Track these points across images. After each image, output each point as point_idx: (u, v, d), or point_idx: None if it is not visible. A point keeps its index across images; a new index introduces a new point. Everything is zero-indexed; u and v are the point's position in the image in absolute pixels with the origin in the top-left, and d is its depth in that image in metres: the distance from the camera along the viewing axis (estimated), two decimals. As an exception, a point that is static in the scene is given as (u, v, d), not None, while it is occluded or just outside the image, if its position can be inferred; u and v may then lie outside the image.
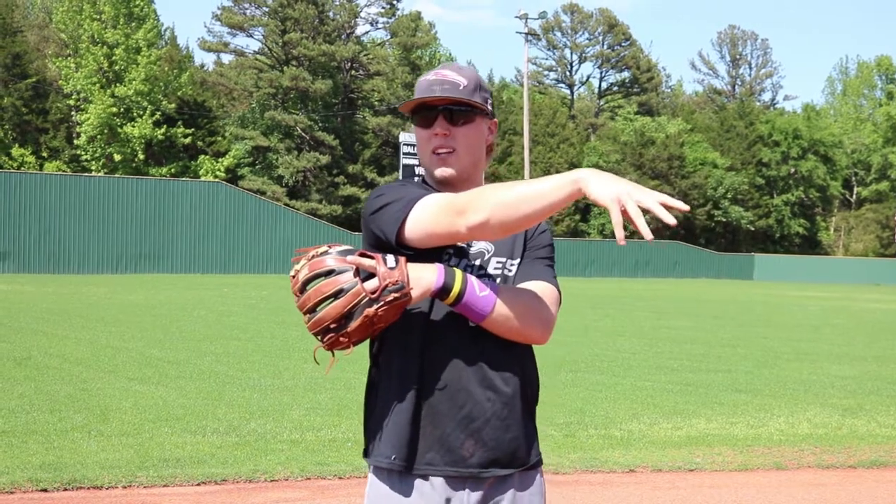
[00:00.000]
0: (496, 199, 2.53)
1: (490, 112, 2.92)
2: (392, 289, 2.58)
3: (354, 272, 2.62)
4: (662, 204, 2.38)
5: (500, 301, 2.70)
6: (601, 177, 2.43)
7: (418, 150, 2.93)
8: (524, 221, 2.54)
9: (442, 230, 2.64)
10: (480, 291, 2.68)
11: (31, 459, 7.62)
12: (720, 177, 76.82)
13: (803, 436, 9.75)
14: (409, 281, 2.60)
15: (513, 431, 2.79)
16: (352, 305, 2.60)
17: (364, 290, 2.58)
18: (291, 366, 13.68)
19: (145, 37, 58.90)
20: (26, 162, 57.92)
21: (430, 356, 2.76)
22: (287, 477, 7.50)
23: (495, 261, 2.88)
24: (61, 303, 24.69)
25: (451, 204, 2.62)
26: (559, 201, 2.48)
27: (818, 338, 21.03)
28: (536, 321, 2.76)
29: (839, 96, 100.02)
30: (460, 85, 2.85)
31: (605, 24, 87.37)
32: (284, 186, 65.18)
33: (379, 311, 2.59)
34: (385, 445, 2.78)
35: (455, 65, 2.94)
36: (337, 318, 2.62)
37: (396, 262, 2.61)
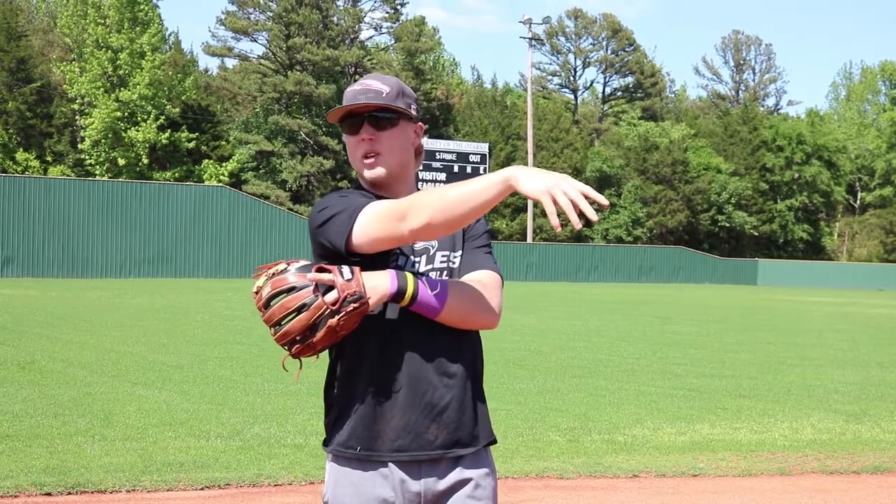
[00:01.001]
0: (434, 202, 2.72)
1: (414, 116, 3.09)
2: (351, 299, 2.76)
3: (314, 287, 2.80)
4: (585, 195, 2.57)
5: (450, 297, 2.90)
6: (530, 172, 2.62)
7: (349, 155, 3.12)
8: (462, 220, 2.74)
9: (387, 235, 2.82)
10: (432, 290, 2.87)
11: (34, 463, 7.63)
12: (724, 182, 76.79)
13: (807, 441, 9.73)
14: (365, 290, 2.78)
15: (468, 412, 3.00)
16: (315, 318, 2.79)
17: (325, 304, 2.77)
18: (294, 370, 13.66)
19: (150, 41, 58.99)
20: (31, 166, 58.00)
21: (389, 353, 2.95)
22: (291, 481, 7.50)
23: (440, 255, 3.07)
24: (65, 307, 24.71)
25: (392, 210, 2.80)
26: (491, 199, 2.67)
27: (822, 343, 21.01)
28: (485, 310, 2.98)
29: (843, 101, 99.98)
30: (383, 93, 3.03)
31: (609, 29, 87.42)
32: (288, 191, 65.24)
33: (340, 320, 2.78)
34: (348, 437, 2.96)
35: (378, 75, 3.12)
36: (302, 331, 2.81)
37: (352, 273, 2.80)
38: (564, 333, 20.04)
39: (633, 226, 72.36)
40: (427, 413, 2.93)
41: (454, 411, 2.96)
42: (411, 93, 3.11)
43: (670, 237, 73.77)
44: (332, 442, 3.00)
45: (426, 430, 2.93)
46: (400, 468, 2.93)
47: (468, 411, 2.99)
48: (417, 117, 3.11)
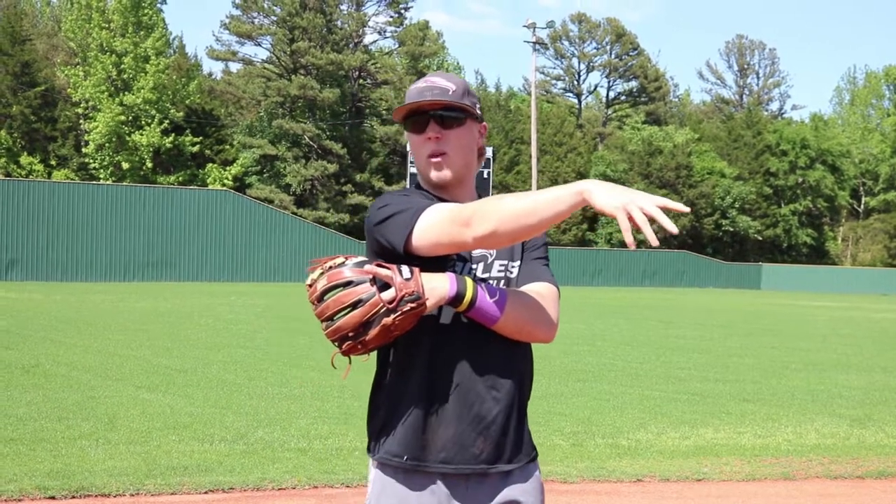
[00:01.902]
0: (502, 210, 2.60)
1: (479, 116, 3.01)
2: (409, 299, 2.67)
3: (371, 283, 2.72)
4: (663, 207, 2.47)
5: (508, 306, 2.80)
6: (605, 187, 2.51)
7: (413, 155, 3.01)
8: (529, 231, 2.62)
9: (448, 240, 2.72)
10: (491, 297, 2.78)
11: (38, 467, 7.63)
12: (728, 186, 76.74)
13: (811, 446, 9.72)
14: (424, 291, 2.69)
15: (515, 427, 2.92)
16: (370, 315, 2.69)
17: (382, 301, 2.68)
18: (299, 374, 13.69)
19: (154, 45, 59.05)
20: (35, 170, 58.05)
21: (439, 359, 2.86)
22: (294, 485, 7.50)
23: (498, 264, 2.98)
24: (69, 311, 24.73)
25: (457, 215, 2.69)
26: (563, 212, 2.56)
27: (826, 347, 20.98)
28: (543, 322, 2.89)
29: (847, 106, 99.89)
30: (449, 90, 2.94)
31: (613, 33, 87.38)
32: (292, 195, 65.25)
33: (396, 319, 2.68)
34: (395, 445, 2.87)
35: (443, 73, 3.03)
36: (355, 327, 2.71)
37: (411, 272, 2.71)
38: (568, 337, 20.03)
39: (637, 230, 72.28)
40: (474, 425, 2.85)
41: (500, 425, 2.88)
42: (475, 92, 3.04)
43: (674, 241, 73.72)
44: (378, 449, 2.92)
45: (472, 443, 2.85)
46: (446, 483, 2.85)
47: (514, 426, 2.92)
48: (482, 117, 3.03)
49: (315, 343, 18.15)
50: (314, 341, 18.50)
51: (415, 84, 3.01)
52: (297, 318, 24.09)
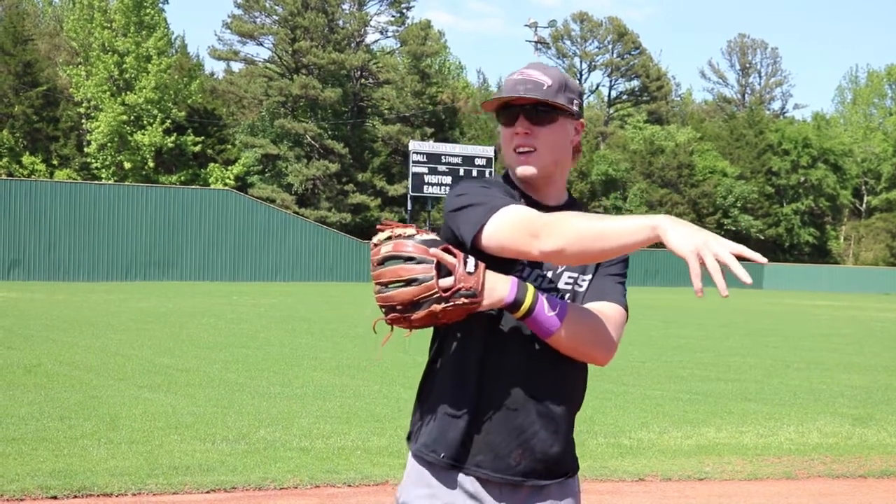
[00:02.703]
0: (574, 230, 2.52)
1: (576, 113, 2.91)
2: (464, 293, 2.61)
3: (434, 265, 2.63)
4: (738, 255, 2.39)
5: (567, 322, 2.70)
6: (680, 226, 2.42)
7: (502, 148, 2.95)
8: (598, 256, 2.55)
9: (516, 247, 2.63)
10: (549, 311, 2.68)
11: (40, 467, 7.63)
12: (730, 185, 76.71)
13: (813, 445, 9.72)
14: (482, 289, 2.63)
15: (559, 445, 2.84)
16: (422, 296, 2.62)
17: (437, 287, 2.61)
18: (301, 374, 13.69)
19: (156, 45, 59.05)
20: (37, 170, 58.08)
21: (489, 362, 2.79)
22: (296, 485, 7.50)
23: (567, 275, 2.87)
24: (71, 310, 24.74)
25: (529, 223, 2.60)
26: (636, 243, 2.47)
27: (828, 347, 20.98)
28: (599, 345, 2.77)
29: (849, 105, 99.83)
30: (544, 85, 2.85)
31: (615, 32, 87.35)
32: (294, 194, 65.26)
33: (446, 309, 2.62)
34: (434, 441, 2.83)
35: (541, 65, 2.94)
36: (405, 303, 2.63)
37: (476, 267, 2.64)
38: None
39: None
40: (515, 436, 2.78)
41: (542, 441, 2.81)
42: (576, 86, 2.93)
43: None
44: (417, 440, 2.89)
45: (509, 453, 2.78)
46: (477, 487, 2.80)
47: (558, 444, 2.84)
48: (579, 113, 2.92)
49: (317, 342, 18.16)
50: (316, 341, 18.51)
51: (511, 75, 2.93)
52: (299, 318, 24.11)
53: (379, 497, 7.33)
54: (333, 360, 15.41)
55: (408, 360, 15.45)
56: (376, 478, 7.73)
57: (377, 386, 12.65)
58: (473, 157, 57.97)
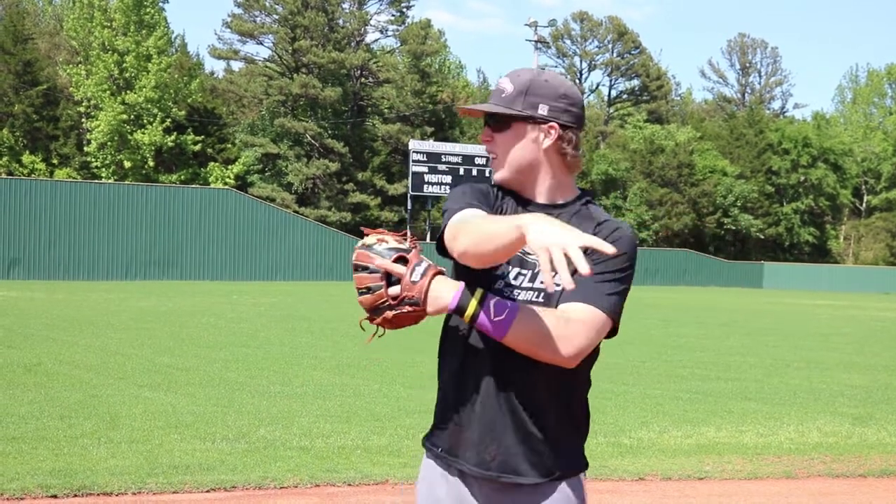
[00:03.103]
0: (472, 233, 2.60)
1: (539, 117, 2.90)
2: (408, 301, 2.74)
3: (384, 275, 2.78)
4: (586, 247, 2.35)
5: (515, 325, 2.68)
6: (540, 223, 2.39)
7: None
8: (490, 258, 2.59)
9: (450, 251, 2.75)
10: (495, 316, 2.69)
11: (41, 466, 7.64)
12: (730, 185, 76.71)
13: (813, 444, 9.72)
14: (426, 297, 2.72)
15: (534, 441, 2.84)
16: (376, 304, 2.80)
17: (385, 295, 2.78)
18: (301, 373, 13.69)
19: (156, 44, 59.05)
20: (37, 169, 58.08)
21: (469, 362, 2.88)
22: (296, 484, 7.51)
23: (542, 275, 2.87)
24: (71, 309, 24.74)
25: (455, 228, 2.71)
26: (511, 244, 2.48)
27: (828, 346, 20.98)
28: (550, 348, 2.69)
29: (849, 105, 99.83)
30: (503, 92, 2.92)
31: (615, 32, 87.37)
32: (294, 194, 65.28)
33: (397, 315, 2.77)
34: (436, 436, 2.98)
35: (519, 70, 2.98)
36: (366, 309, 2.83)
37: (423, 275, 2.73)
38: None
39: (639, 228, 72.31)
40: (489, 431, 2.83)
41: (515, 436, 2.83)
42: (547, 89, 2.91)
43: (676, 240, 73.67)
44: (428, 435, 3.02)
45: (485, 449, 2.84)
46: (465, 482, 2.90)
47: (534, 440, 2.84)
48: (547, 117, 2.89)
49: (317, 341, 18.17)
50: (316, 340, 18.52)
51: None
52: (299, 317, 24.11)
53: (379, 496, 7.33)
54: (333, 360, 15.41)
55: (407, 360, 15.46)
56: (376, 477, 7.73)
57: (377, 385, 12.65)
58: (473, 157, 57.96)
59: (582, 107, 2.97)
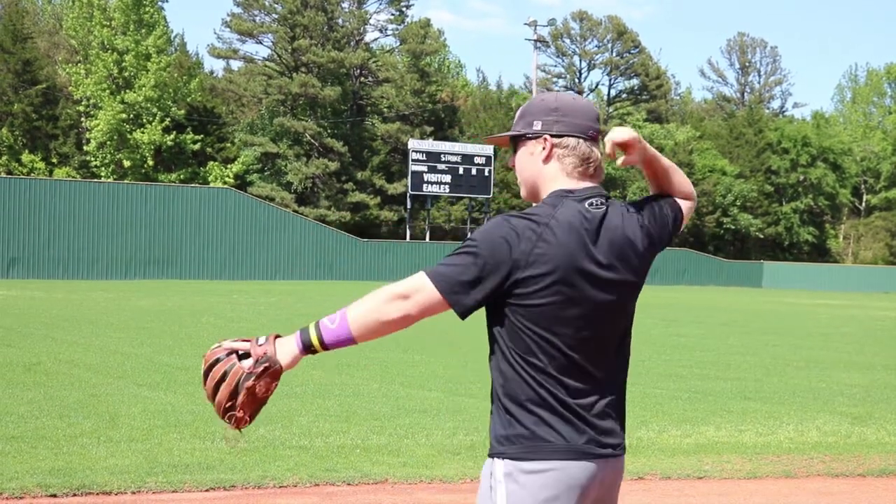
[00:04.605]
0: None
1: (532, 133, 3.09)
2: (262, 361, 2.96)
3: (235, 355, 3.00)
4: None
5: (349, 318, 2.95)
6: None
7: None
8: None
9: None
10: (332, 323, 2.97)
11: (40, 465, 7.64)
12: (729, 184, 76.72)
13: (812, 444, 9.72)
14: (276, 352, 2.98)
15: (491, 421, 3.06)
16: (236, 382, 2.97)
17: (241, 368, 2.98)
18: (300, 372, 13.65)
19: (155, 43, 59.05)
20: (36, 168, 58.07)
21: None
22: (296, 483, 7.51)
23: None
24: (70, 308, 24.74)
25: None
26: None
27: (827, 346, 20.98)
28: (384, 310, 2.93)
29: (849, 104, 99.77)
30: (514, 119, 3.16)
31: (615, 31, 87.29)
32: (293, 193, 65.27)
33: (257, 382, 2.97)
34: None
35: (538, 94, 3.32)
36: (229, 398, 2.99)
37: (266, 339, 3.01)
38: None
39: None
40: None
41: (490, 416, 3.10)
42: (541, 107, 3.10)
43: (675, 239, 73.36)
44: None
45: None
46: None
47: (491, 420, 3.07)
48: (539, 131, 3.08)
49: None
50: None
51: None
52: (299, 316, 24.10)
53: (378, 495, 7.33)
54: (333, 359, 15.40)
55: (406, 359, 15.48)
56: (375, 476, 7.74)
57: (376, 385, 12.65)
58: (473, 156, 57.97)
59: (587, 117, 3.08)
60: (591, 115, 3.08)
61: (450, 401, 11.44)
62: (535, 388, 2.96)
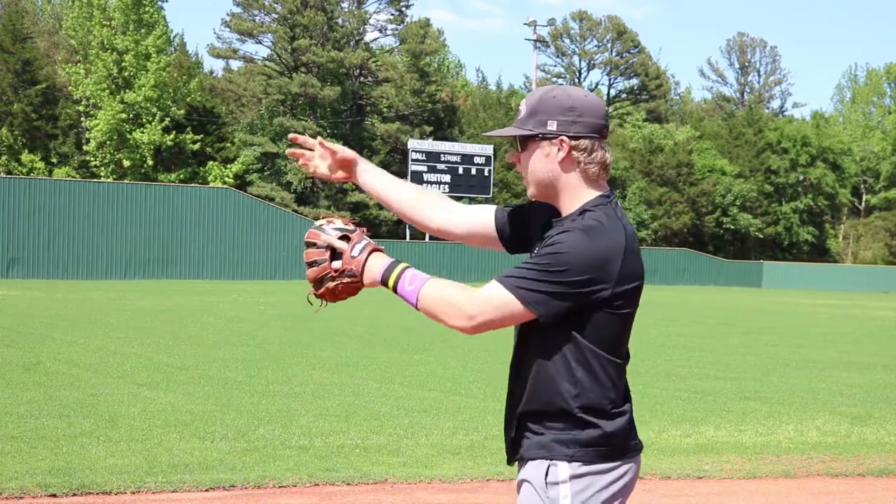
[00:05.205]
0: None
1: (549, 133, 3.05)
2: (348, 273, 3.10)
3: (329, 251, 3.13)
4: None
5: (423, 292, 3.01)
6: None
7: None
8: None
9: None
10: (409, 285, 3.03)
11: (40, 465, 7.64)
12: (729, 184, 76.70)
13: (812, 444, 9.72)
14: (363, 271, 3.08)
15: (509, 430, 3.13)
16: (320, 276, 3.14)
17: (329, 269, 3.13)
18: (300, 372, 13.69)
19: (155, 43, 59.02)
20: (36, 168, 58.03)
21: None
22: (295, 483, 7.51)
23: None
24: (70, 308, 24.74)
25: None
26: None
27: (827, 345, 20.98)
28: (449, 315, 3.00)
29: (848, 104, 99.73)
30: (519, 114, 3.13)
31: (614, 31, 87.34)
32: (293, 193, 65.27)
33: (338, 286, 3.13)
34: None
35: (534, 91, 3.17)
36: (313, 281, 3.17)
37: (361, 252, 3.10)
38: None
39: (638, 228, 72.35)
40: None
41: (506, 424, 3.17)
42: (553, 104, 3.06)
43: (675, 239, 73.66)
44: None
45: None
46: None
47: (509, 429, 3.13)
48: (554, 132, 3.04)
49: (316, 341, 18.17)
50: (315, 339, 18.52)
51: None
52: (298, 316, 24.09)
53: (378, 495, 7.33)
54: (332, 359, 15.41)
55: (406, 359, 15.48)
56: (375, 476, 7.74)
57: (376, 384, 12.65)
58: (472, 156, 57.96)
59: (599, 115, 3.07)
60: (602, 111, 3.09)
61: (449, 401, 11.44)
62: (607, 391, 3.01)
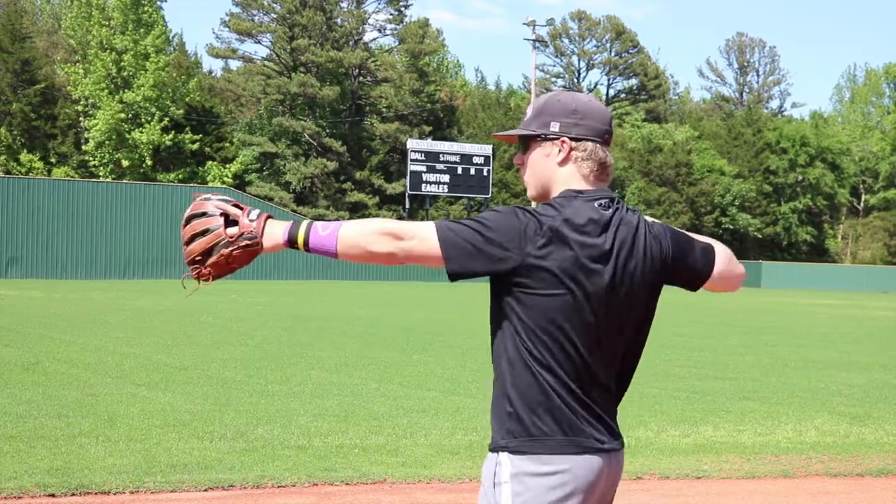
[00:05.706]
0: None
1: (550, 134, 3.07)
2: (247, 237, 3.02)
3: (223, 217, 3.05)
4: None
5: (342, 233, 2.96)
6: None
7: None
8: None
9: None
10: (323, 231, 2.98)
11: (38, 465, 7.63)
12: (728, 184, 76.73)
13: (811, 444, 9.72)
14: (262, 234, 3.02)
15: (490, 415, 3.06)
16: (213, 244, 3.04)
17: (224, 234, 3.04)
18: (299, 372, 13.69)
19: (154, 43, 59.02)
20: (34, 168, 58.03)
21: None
22: (294, 483, 7.50)
23: None
24: (69, 308, 24.73)
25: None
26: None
27: (826, 345, 20.99)
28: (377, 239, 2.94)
29: (847, 104, 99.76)
30: (525, 117, 3.15)
31: (613, 31, 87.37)
32: (292, 192, 65.26)
33: (233, 252, 3.03)
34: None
35: (543, 95, 3.21)
36: (201, 252, 3.05)
37: (258, 217, 3.04)
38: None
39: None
40: None
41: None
42: (557, 106, 3.09)
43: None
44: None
45: None
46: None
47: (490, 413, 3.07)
48: (556, 133, 3.06)
49: (315, 341, 18.16)
50: (314, 339, 18.51)
51: None
52: (297, 316, 24.10)
53: (377, 495, 7.33)
54: (331, 359, 15.41)
55: (404, 359, 15.48)
56: (374, 476, 7.74)
57: (375, 384, 12.65)
58: (471, 156, 57.95)
59: (603, 120, 3.11)
60: (606, 118, 3.12)
61: (448, 401, 11.44)
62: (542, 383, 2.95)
